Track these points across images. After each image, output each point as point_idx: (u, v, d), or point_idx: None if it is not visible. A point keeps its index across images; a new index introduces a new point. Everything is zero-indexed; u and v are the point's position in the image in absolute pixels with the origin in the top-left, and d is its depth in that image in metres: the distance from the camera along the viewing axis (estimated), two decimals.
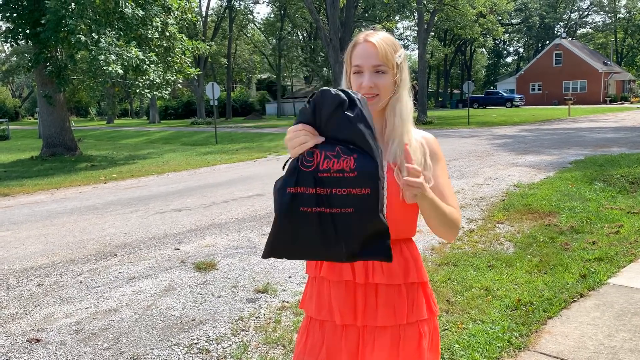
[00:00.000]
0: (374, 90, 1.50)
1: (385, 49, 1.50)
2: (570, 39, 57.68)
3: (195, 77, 33.89)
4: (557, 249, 4.84)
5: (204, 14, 44.46)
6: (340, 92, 1.31)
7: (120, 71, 13.61)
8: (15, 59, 52.45)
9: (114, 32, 14.20)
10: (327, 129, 1.32)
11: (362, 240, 1.31)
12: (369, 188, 1.27)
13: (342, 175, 1.28)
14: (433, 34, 47.69)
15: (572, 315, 3.45)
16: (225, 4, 46.02)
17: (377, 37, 1.52)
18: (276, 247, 1.36)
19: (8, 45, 18.74)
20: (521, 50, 72.85)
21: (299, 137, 1.32)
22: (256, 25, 54.62)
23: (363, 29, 1.59)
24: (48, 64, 15.60)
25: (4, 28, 15.96)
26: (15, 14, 15.17)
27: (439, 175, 1.56)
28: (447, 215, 1.47)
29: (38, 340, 3.49)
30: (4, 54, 62.69)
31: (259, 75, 63.02)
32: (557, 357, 2.93)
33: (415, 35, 42.58)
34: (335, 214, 1.30)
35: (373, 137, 1.30)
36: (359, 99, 1.32)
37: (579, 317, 3.42)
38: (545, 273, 4.25)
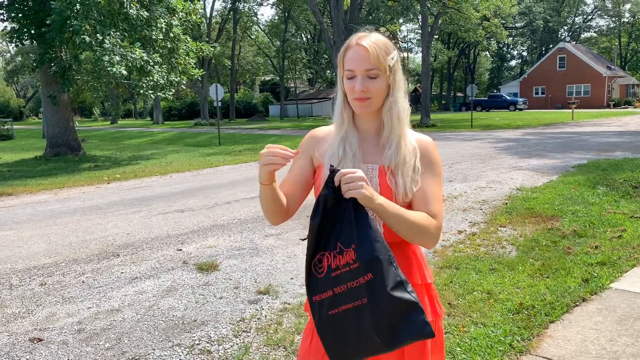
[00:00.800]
0: (366, 94, 1.50)
1: (377, 52, 1.49)
2: (574, 42, 57.63)
3: (199, 79, 34.01)
4: (560, 253, 4.83)
5: (208, 15, 44.60)
6: None
7: (125, 72, 13.65)
8: (20, 59, 52.69)
9: (118, 33, 14.26)
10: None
11: (389, 325, 1.31)
12: (370, 273, 1.31)
13: (349, 268, 1.33)
14: (437, 37, 47.67)
15: (574, 320, 3.45)
16: (229, 5, 46.16)
17: (369, 40, 1.51)
18: (332, 356, 1.38)
19: (13, 45, 18.82)
20: (525, 53, 72.78)
21: (275, 156, 1.38)
22: (260, 27, 54.76)
23: (363, 31, 1.58)
24: (53, 64, 15.66)
25: (9, 28, 16.02)
26: (20, 15, 15.24)
27: (427, 180, 1.54)
28: (409, 221, 1.42)
29: (40, 340, 3.50)
30: (9, 54, 62.96)
31: (263, 77, 63.14)
32: None
33: (419, 38, 42.60)
34: (358, 307, 1.33)
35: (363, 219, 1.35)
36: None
37: (581, 322, 3.41)
38: (547, 277, 4.24)
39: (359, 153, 1.55)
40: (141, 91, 15.90)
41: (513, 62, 76.03)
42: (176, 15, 16.71)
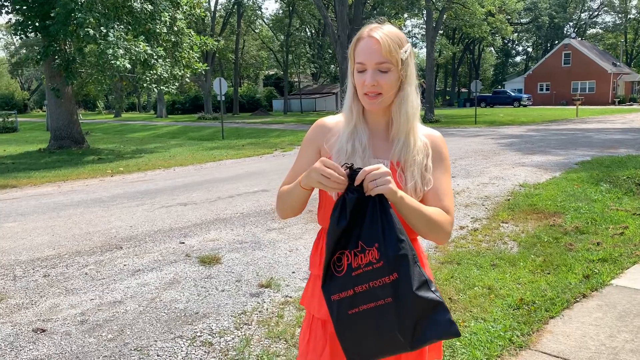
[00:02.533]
0: (376, 88, 1.45)
1: (389, 44, 1.43)
2: (580, 39, 57.28)
3: (203, 72, 33.95)
4: (561, 249, 4.83)
5: (212, 9, 44.51)
6: None
7: (128, 65, 13.67)
8: (24, 51, 52.75)
9: (122, 26, 14.26)
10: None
11: (415, 325, 1.29)
12: (396, 272, 1.28)
13: (371, 267, 1.30)
14: (442, 32, 47.50)
15: (574, 316, 3.46)
16: None
17: (381, 31, 1.45)
18: (350, 356, 1.36)
19: (17, 37, 18.82)
20: (530, 49, 72.50)
21: (335, 184, 1.33)
22: (264, 21, 54.64)
23: (375, 21, 1.52)
24: (57, 57, 15.67)
25: (13, 20, 16.04)
26: (25, 7, 15.24)
27: (439, 176, 1.52)
28: (427, 215, 1.40)
29: (43, 330, 3.53)
30: (13, 47, 63.06)
31: (266, 71, 63.05)
32: (558, 357, 2.93)
33: (424, 33, 42.43)
34: (381, 306, 1.30)
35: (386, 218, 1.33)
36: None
37: (581, 318, 3.42)
38: (548, 273, 4.25)
39: (369, 149, 1.52)
40: (145, 85, 15.91)
41: (518, 58, 75.79)
42: (180, 9, 16.69)
